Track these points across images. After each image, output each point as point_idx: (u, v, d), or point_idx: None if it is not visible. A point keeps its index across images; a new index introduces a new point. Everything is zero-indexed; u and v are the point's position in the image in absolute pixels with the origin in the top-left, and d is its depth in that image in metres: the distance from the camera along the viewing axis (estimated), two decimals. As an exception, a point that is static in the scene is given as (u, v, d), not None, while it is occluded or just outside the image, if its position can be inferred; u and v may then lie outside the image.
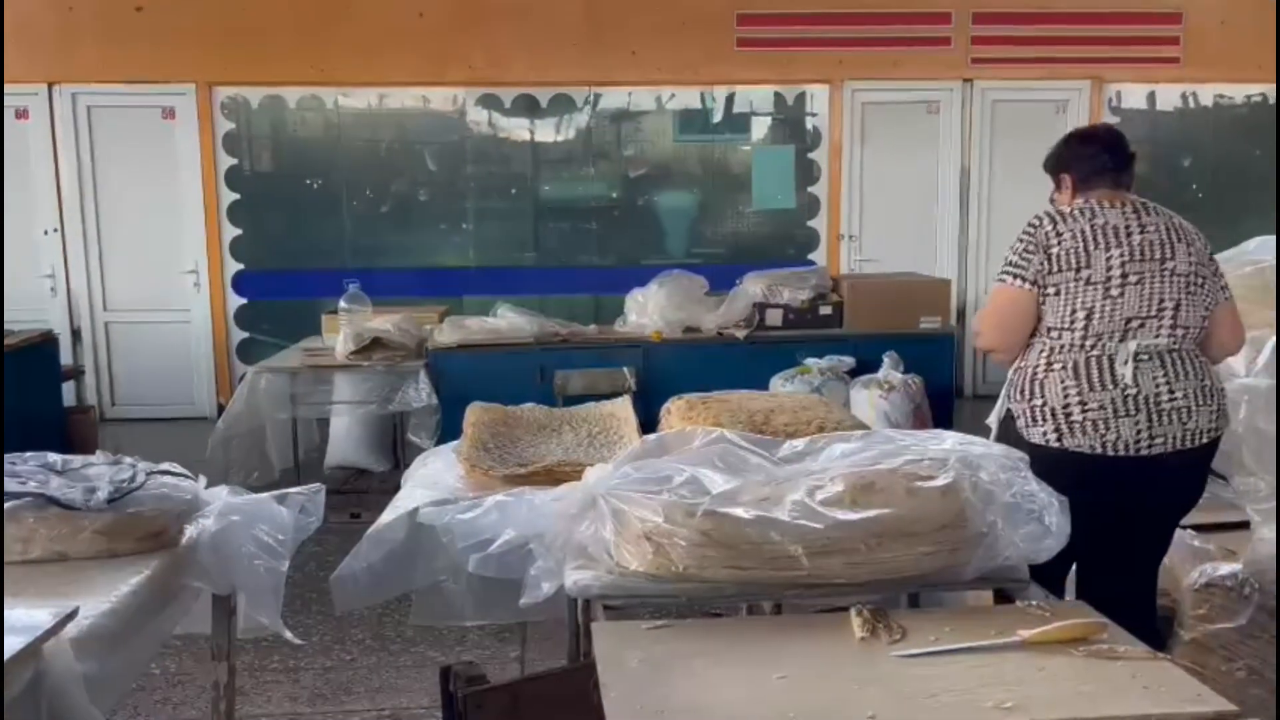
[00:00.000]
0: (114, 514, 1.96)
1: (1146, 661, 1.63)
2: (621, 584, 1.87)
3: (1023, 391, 2.65)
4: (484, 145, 7.85)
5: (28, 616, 1.54)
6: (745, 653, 1.68)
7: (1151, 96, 8.06)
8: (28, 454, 2.12)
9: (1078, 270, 2.60)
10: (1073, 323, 2.60)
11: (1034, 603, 1.86)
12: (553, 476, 2.34)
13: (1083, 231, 2.63)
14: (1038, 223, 2.70)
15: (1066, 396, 2.57)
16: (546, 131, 7.87)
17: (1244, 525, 2.70)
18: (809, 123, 7.95)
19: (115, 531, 1.95)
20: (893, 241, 7.83)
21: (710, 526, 1.80)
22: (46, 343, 5.76)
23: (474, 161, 7.85)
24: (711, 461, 1.95)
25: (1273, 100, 7.97)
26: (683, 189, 8.06)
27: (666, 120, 7.99)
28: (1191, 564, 2.76)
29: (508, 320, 5.58)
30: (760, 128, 8.06)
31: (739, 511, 1.80)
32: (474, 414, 2.80)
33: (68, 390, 6.44)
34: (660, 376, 5.24)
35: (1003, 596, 1.99)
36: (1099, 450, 2.53)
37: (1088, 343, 2.58)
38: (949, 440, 2.06)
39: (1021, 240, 2.69)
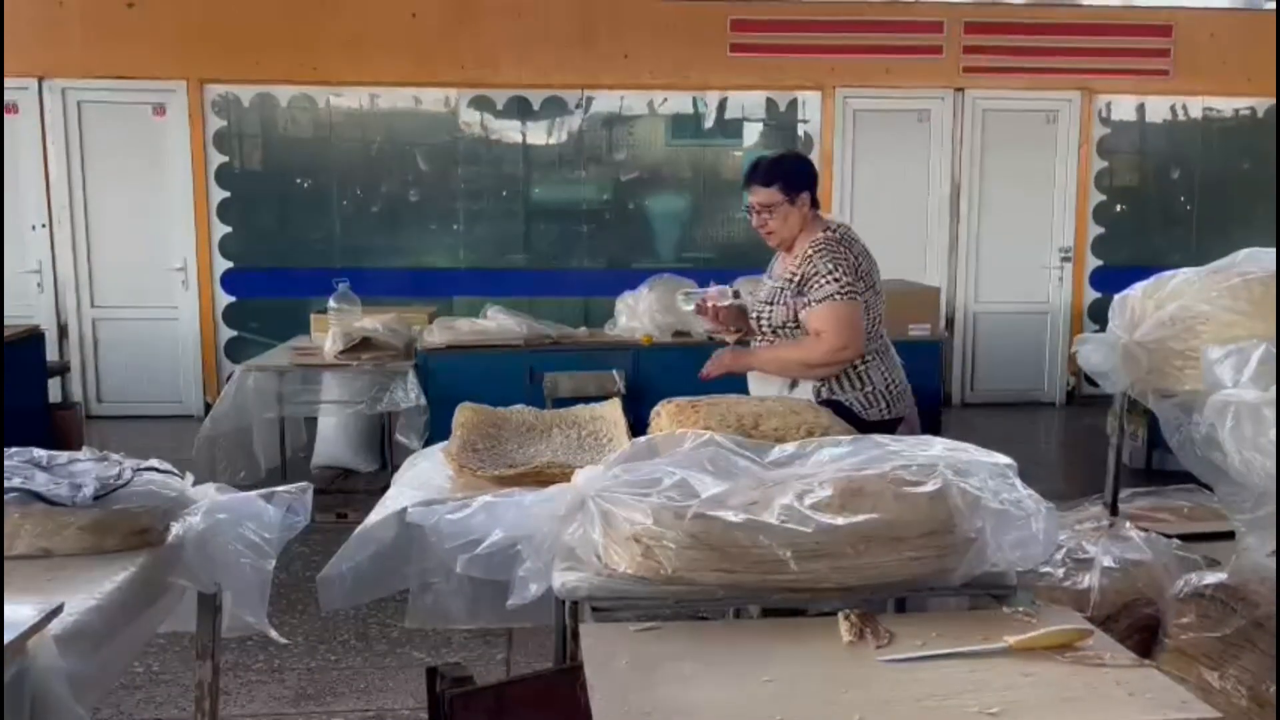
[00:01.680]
0: (100, 510, 1.95)
1: (1131, 668, 1.63)
2: (609, 586, 1.87)
3: (852, 384, 3.25)
4: (475, 147, 7.85)
5: (12, 612, 1.53)
6: (733, 656, 1.67)
7: (1141, 108, 8.12)
8: (13, 449, 2.11)
9: (874, 286, 3.28)
10: (873, 326, 3.28)
11: (1020, 609, 1.86)
12: (542, 478, 2.34)
13: (864, 251, 3.30)
14: (839, 247, 3.22)
15: (886, 379, 3.29)
16: (538, 134, 7.88)
17: (1229, 535, 2.71)
18: (800, 129, 7.97)
19: (101, 528, 1.94)
20: (882, 249, 7.73)
21: (699, 529, 1.80)
22: (32, 338, 5.73)
23: (465, 163, 7.85)
24: (701, 465, 1.95)
25: (1261, 114, 8.04)
26: (674, 193, 8.08)
27: (658, 124, 8.01)
28: (1176, 573, 2.76)
29: (497, 322, 5.57)
30: (752, 133, 8.08)
31: (728, 515, 1.80)
32: (463, 414, 2.79)
33: (53, 386, 6.41)
34: (650, 380, 5.25)
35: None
36: (907, 414, 3.32)
37: (877, 338, 3.29)
38: (937, 446, 2.07)
39: (841, 264, 3.20)
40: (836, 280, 3.19)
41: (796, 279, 3.25)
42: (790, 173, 3.30)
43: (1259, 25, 7.46)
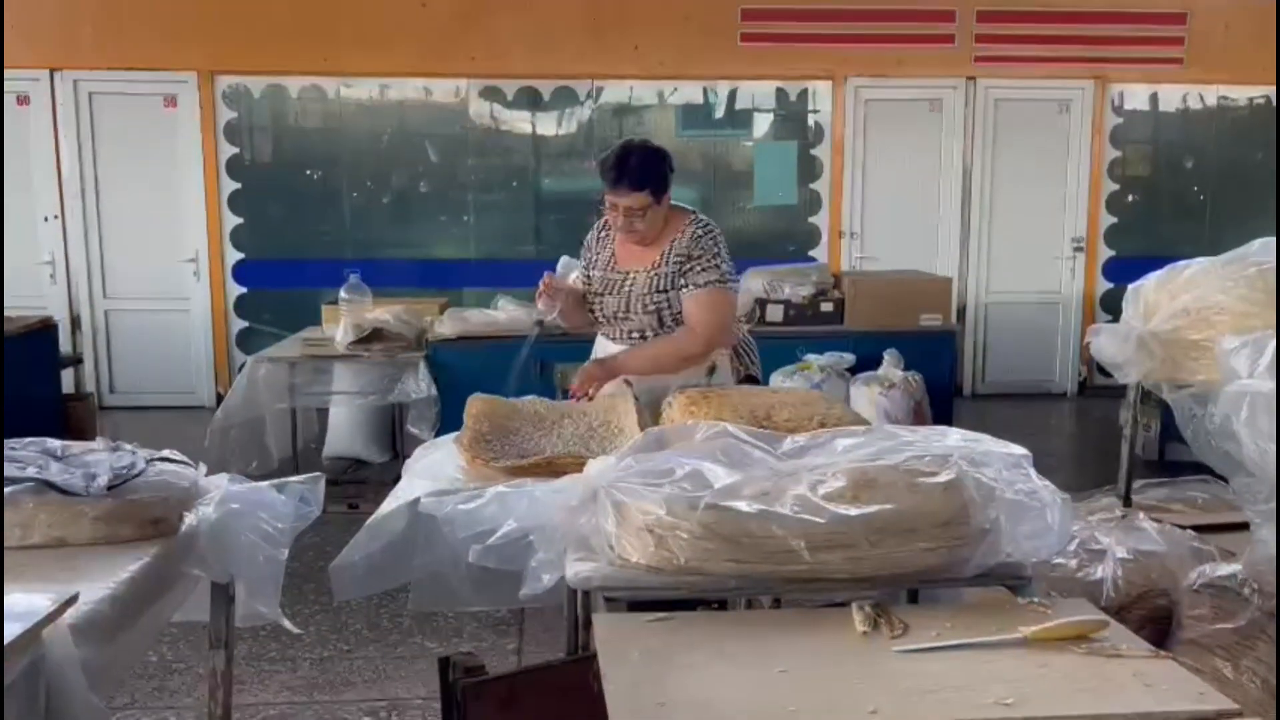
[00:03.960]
0: (114, 500, 1.95)
1: (1148, 659, 1.63)
2: (622, 576, 1.86)
3: (750, 357, 3.41)
4: (485, 137, 7.84)
5: (27, 602, 1.54)
6: (746, 646, 1.67)
7: (1154, 97, 8.06)
8: (27, 439, 2.11)
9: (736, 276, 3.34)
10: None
11: (1035, 599, 1.85)
12: (554, 468, 2.34)
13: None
14: (718, 235, 3.23)
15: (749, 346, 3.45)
16: (548, 124, 7.87)
17: (1243, 526, 2.70)
18: (811, 119, 7.94)
19: (115, 518, 1.95)
20: (894, 239, 7.83)
21: (712, 520, 1.80)
22: (45, 329, 5.75)
23: (475, 153, 7.85)
24: (714, 455, 1.95)
25: (1275, 102, 7.97)
26: (684, 184, 8.03)
27: (669, 115, 7.98)
28: (1191, 564, 2.75)
29: (508, 312, 5.58)
30: (763, 123, 8.05)
31: (741, 505, 1.80)
32: (474, 406, 2.79)
33: (66, 377, 6.43)
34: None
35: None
36: None
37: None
38: (952, 437, 2.06)
39: (724, 251, 3.20)
40: (718, 268, 3.16)
41: (682, 259, 3.17)
42: (659, 175, 3.17)
43: (1273, 14, 7.39)
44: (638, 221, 3.15)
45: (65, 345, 6.89)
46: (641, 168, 3.16)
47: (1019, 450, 1.99)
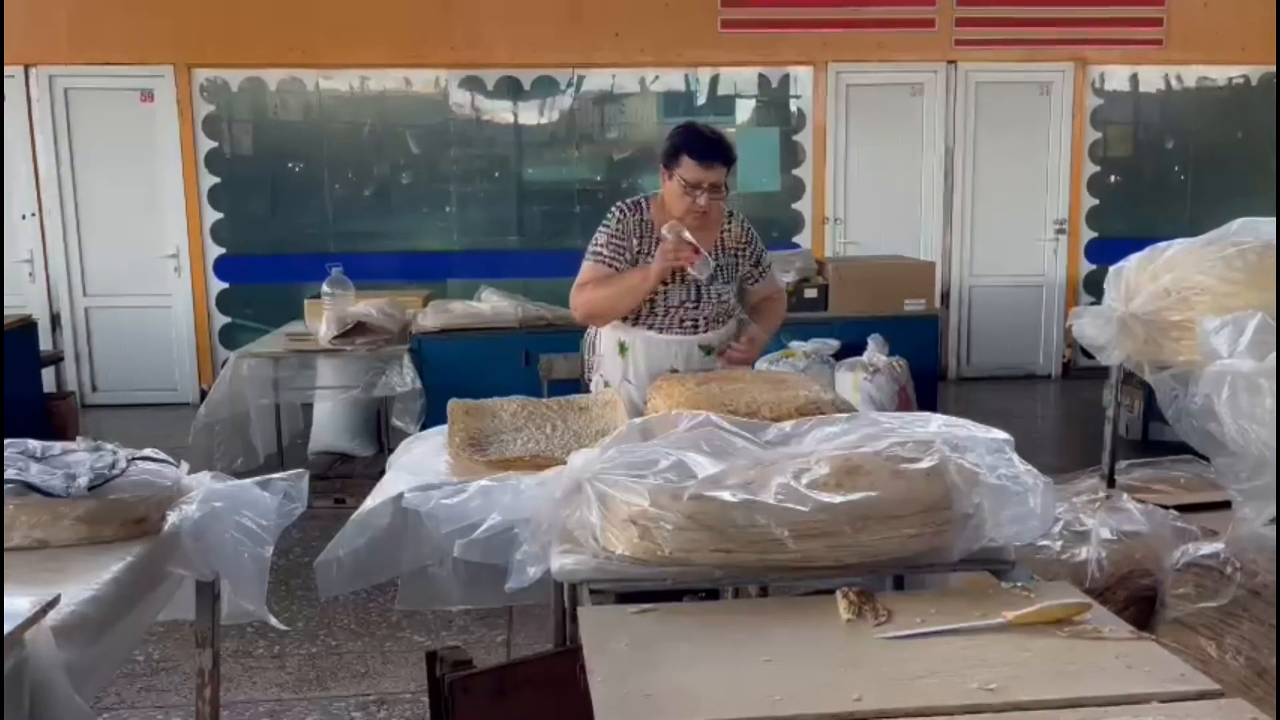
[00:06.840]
0: (95, 501, 1.94)
1: (1130, 641, 1.64)
2: (607, 568, 1.86)
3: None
4: (467, 128, 7.81)
5: (8, 605, 1.52)
6: (731, 636, 1.67)
7: (1134, 78, 8.08)
8: (7, 440, 2.10)
9: None
10: None
11: (1018, 584, 1.86)
12: (539, 463, 2.33)
13: None
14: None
15: None
16: (529, 114, 7.84)
17: (1225, 505, 2.71)
18: (793, 105, 7.94)
19: (96, 518, 1.93)
20: (877, 224, 7.84)
21: (696, 510, 1.80)
22: (25, 328, 5.71)
23: (457, 144, 7.81)
24: (697, 445, 1.95)
25: (1255, 82, 8.01)
26: (667, 171, 8.02)
27: (650, 102, 7.97)
28: (1173, 544, 2.77)
29: (491, 304, 5.56)
30: (744, 110, 8.04)
31: (725, 495, 1.80)
32: (455, 414, 2.73)
33: (47, 376, 6.40)
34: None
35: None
36: None
37: None
38: (935, 423, 2.06)
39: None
40: (766, 252, 3.38)
41: (739, 250, 3.26)
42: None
43: (1252, -7, 7.43)
44: (717, 198, 3.16)
45: (45, 344, 6.84)
46: (726, 143, 3.19)
47: (1001, 435, 1.99)
